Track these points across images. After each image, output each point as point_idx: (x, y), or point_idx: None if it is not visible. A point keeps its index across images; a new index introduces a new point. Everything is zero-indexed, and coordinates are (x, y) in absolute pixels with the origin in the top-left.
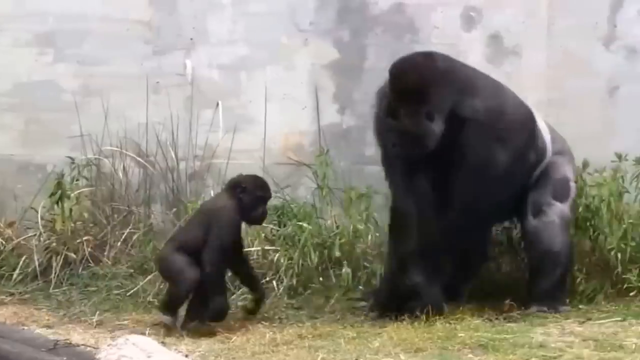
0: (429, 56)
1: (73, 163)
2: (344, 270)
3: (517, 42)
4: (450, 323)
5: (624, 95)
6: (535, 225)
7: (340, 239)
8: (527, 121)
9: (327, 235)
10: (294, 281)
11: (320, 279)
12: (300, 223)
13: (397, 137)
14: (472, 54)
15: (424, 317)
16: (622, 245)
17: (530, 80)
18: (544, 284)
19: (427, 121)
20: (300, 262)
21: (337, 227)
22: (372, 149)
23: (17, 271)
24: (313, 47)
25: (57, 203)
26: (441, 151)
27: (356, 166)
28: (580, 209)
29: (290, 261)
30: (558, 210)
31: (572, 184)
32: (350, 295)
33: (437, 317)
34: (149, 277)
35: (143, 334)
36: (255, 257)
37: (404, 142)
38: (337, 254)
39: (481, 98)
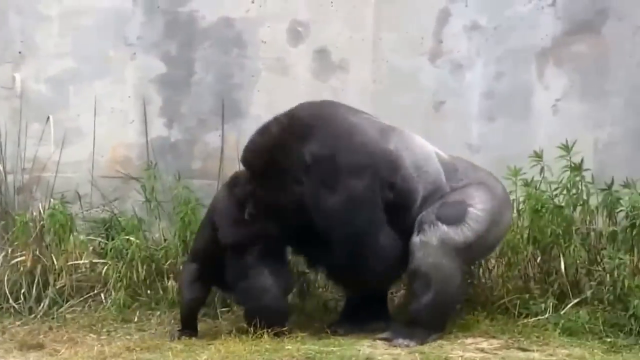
0: (286, 117)
1: None
2: (170, 283)
3: (344, 56)
4: (278, 336)
5: (450, 109)
6: (413, 242)
7: (167, 252)
8: (369, 165)
9: (155, 248)
10: (122, 294)
11: (149, 291)
12: (128, 236)
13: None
14: (299, 68)
15: (251, 329)
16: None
17: (356, 96)
18: (412, 305)
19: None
20: (129, 275)
21: (165, 241)
22: (198, 163)
23: None
24: (140, 60)
25: None
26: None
27: (183, 180)
28: None
29: (118, 274)
30: (440, 232)
31: (472, 210)
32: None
33: (267, 331)
34: None
35: None
36: (83, 270)
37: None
38: (165, 267)
39: (318, 144)
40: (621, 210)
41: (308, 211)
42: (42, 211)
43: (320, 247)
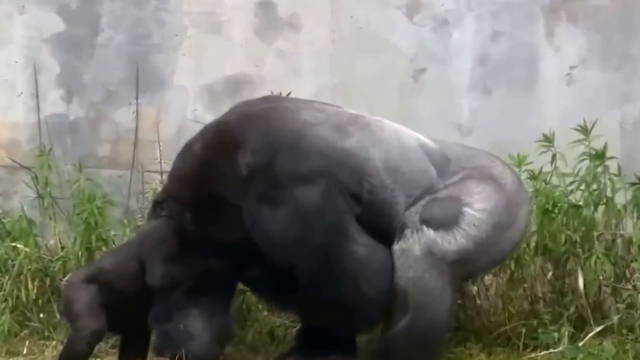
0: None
1: None
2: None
3: (295, 10)
4: None
5: (432, 79)
6: (392, 250)
7: (66, 264)
8: (320, 172)
9: (50, 259)
10: (8, 318)
11: (41, 315)
12: (15, 243)
13: None
14: (236, 25)
15: None
16: None
17: (310, 61)
18: (387, 333)
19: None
20: (15, 293)
21: (62, 249)
22: (106, 148)
23: None
24: (31, 15)
25: None
26: None
27: (87, 170)
28: None
29: (2, 292)
30: (425, 239)
31: (469, 211)
32: None
33: None
34: None
35: None
36: None
37: None
38: (62, 282)
39: (253, 153)
40: None
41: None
42: None
43: (280, 284)
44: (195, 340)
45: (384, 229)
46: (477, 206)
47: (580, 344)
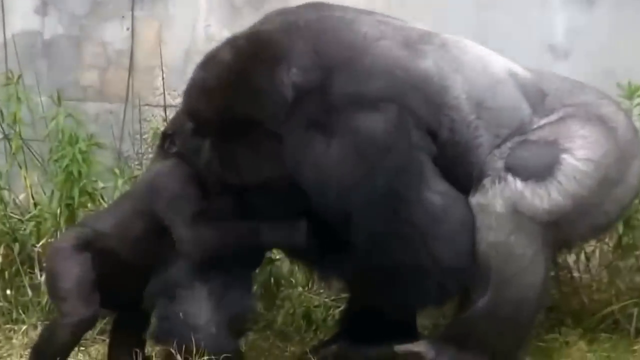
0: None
1: None
2: (44, 276)
3: None
4: None
5: None
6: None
7: (40, 226)
8: (389, 97)
9: (19, 218)
10: None
11: (9, 292)
12: None
13: None
14: None
15: None
16: None
17: None
18: (463, 312)
19: None
20: None
21: (36, 206)
22: (93, 76)
23: None
24: None
25: None
26: None
27: (67, 103)
28: None
29: None
30: (510, 192)
31: (569, 159)
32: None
33: None
34: None
35: None
36: None
37: None
38: (36, 249)
39: (302, 70)
40: None
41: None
42: None
43: (327, 243)
44: (199, 333)
45: (464, 178)
46: (580, 154)
47: None
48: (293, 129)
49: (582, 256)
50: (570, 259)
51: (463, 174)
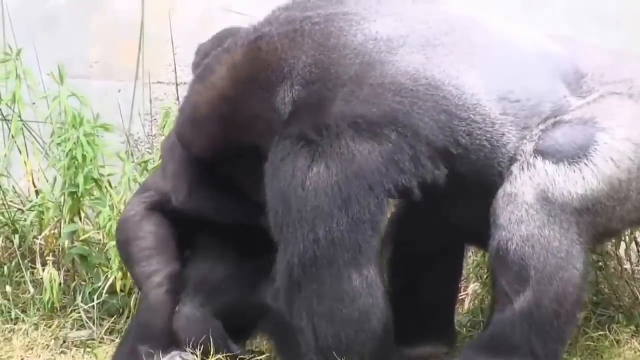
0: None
1: None
2: (47, 271)
3: None
4: None
5: None
6: (496, 198)
7: (42, 216)
8: (387, 123)
9: (20, 207)
10: None
11: (8, 287)
12: None
13: None
14: None
15: None
16: None
17: None
18: (497, 315)
19: None
20: None
21: (38, 194)
22: (99, 50)
23: None
24: None
25: None
26: None
27: (72, 81)
28: None
29: None
30: (541, 178)
31: (605, 138)
32: (65, 318)
33: None
34: None
35: None
36: None
37: None
38: (37, 241)
39: (297, 86)
40: None
41: None
42: None
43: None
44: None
45: (489, 181)
46: (619, 133)
47: None
48: (281, 139)
49: (634, 245)
50: (621, 248)
51: (490, 174)
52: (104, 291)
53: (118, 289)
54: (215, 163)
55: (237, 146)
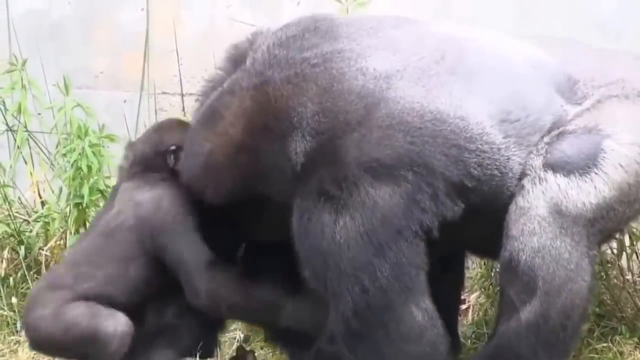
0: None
1: None
2: None
3: None
4: None
5: None
6: (508, 212)
7: (48, 227)
8: (402, 164)
9: (25, 218)
10: None
11: (14, 299)
12: None
13: None
14: None
15: None
16: None
17: None
18: (503, 326)
19: None
20: None
21: (43, 205)
22: (105, 61)
23: None
24: None
25: None
26: None
27: (78, 92)
28: None
29: None
30: (552, 191)
31: (611, 145)
32: None
33: None
34: None
35: None
36: None
37: None
38: (43, 253)
39: (307, 135)
40: None
41: None
42: None
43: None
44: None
45: (500, 205)
46: (625, 138)
47: None
48: (303, 198)
49: (636, 251)
50: (623, 259)
51: (501, 203)
52: None
53: None
54: (221, 207)
55: (251, 193)
